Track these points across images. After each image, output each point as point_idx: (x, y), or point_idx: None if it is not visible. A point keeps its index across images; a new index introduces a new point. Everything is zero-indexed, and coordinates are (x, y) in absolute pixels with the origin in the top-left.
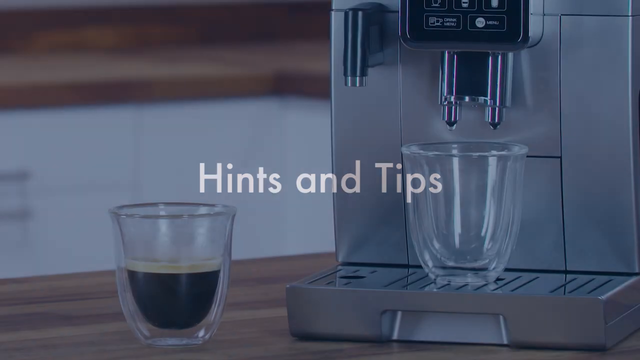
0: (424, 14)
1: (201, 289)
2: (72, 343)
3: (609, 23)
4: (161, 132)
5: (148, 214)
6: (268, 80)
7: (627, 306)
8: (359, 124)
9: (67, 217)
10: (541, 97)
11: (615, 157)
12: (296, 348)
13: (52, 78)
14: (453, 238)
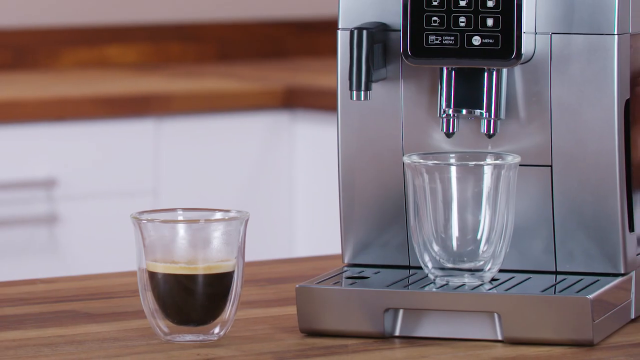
0: (424, 33)
1: (216, 289)
2: (96, 339)
3: (596, 41)
4: (179, 143)
5: (167, 219)
6: (279, 94)
7: (613, 304)
8: (363, 135)
9: (92, 221)
10: (533, 110)
11: (602, 165)
12: (305, 344)
13: (77, 92)
14: (451, 241)
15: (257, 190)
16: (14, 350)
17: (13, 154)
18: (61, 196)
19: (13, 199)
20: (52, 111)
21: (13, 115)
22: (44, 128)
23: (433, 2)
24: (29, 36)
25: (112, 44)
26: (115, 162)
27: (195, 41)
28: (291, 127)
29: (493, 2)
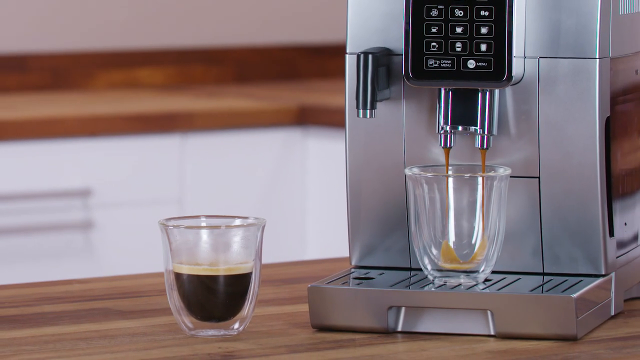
0: (423, 57)
1: (236, 288)
2: (127, 334)
3: (580, 64)
4: (202, 156)
5: (191, 225)
6: (292, 112)
7: (595, 303)
8: (369, 149)
9: (123, 227)
10: (523, 126)
11: (585, 177)
12: (316, 338)
13: (110, 111)
14: (448, 245)
15: (272, 199)
16: (52, 344)
17: (52, 166)
18: (95, 205)
19: (52, 207)
20: (87, 128)
21: (52, 131)
22: (79, 143)
23: (432, 29)
24: (66, 60)
25: (141, 66)
26: (144, 173)
27: (216, 64)
28: (303, 142)
29: (486, 29)
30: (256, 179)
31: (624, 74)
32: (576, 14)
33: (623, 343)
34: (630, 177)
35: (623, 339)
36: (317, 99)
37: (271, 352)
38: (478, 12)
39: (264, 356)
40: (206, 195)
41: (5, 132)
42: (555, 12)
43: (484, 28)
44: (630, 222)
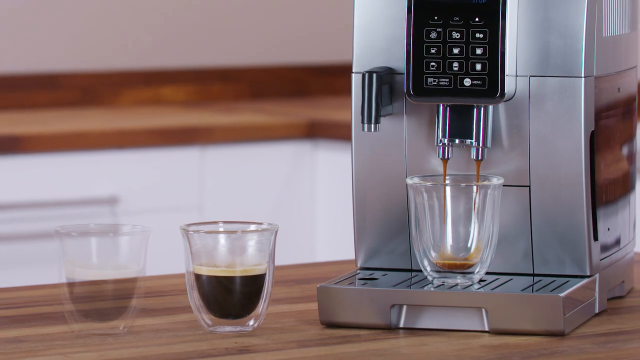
0: (423, 76)
1: (251, 288)
2: (151, 330)
3: (567, 83)
4: (220, 167)
5: (210, 230)
6: (302, 127)
7: (581, 301)
8: (373, 160)
9: None
10: (514, 139)
11: (571, 186)
12: (324, 334)
13: (135, 125)
14: (446, 249)
15: (284, 206)
16: (82, 340)
17: (82, 176)
18: (122, 211)
19: (82, 213)
20: (114, 141)
21: (82, 144)
22: (107, 155)
23: (431, 50)
24: (95, 78)
25: (164, 85)
26: (166, 183)
27: (233, 82)
28: (313, 154)
29: (481, 50)
30: (269, 187)
31: (607, 91)
32: (563, 36)
33: (606, 338)
34: (613, 186)
35: (606, 335)
36: (326, 114)
37: (283, 346)
38: (473, 35)
39: (277, 351)
40: (224, 202)
41: (38, 145)
42: (544, 34)
43: (479, 49)
44: (613, 227)
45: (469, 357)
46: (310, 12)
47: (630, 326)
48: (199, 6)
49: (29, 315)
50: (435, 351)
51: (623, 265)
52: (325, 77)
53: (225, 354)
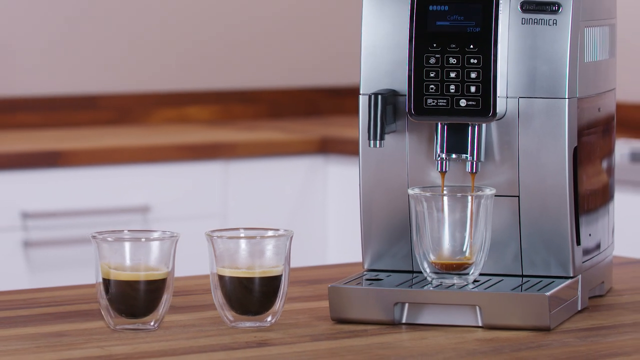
0: (423, 97)
1: (269, 288)
2: (179, 325)
3: (552, 103)
4: (241, 179)
5: (232, 236)
6: (315, 143)
7: (565, 300)
8: (378, 173)
9: None
10: (505, 154)
11: (556, 196)
12: (335, 329)
13: (165, 141)
14: (443, 252)
15: (299, 214)
16: (117, 334)
17: (117, 187)
18: (153, 219)
19: (117, 221)
20: (146, 155)
21: (117, 158)
22: (140, 168)
23: (430, 74)
24: (129, 99)
25: (190, 105)
26: (193, 193)
27: (253, 103)
28: (324, 168)
29: (475, 74)
30: (286, 197)
31: (589, 111)
32: (549, 62)
33: (588, 333)
34: (594, 196)
35: (588, 330)
36: (336, 132)
37: (298, 340)
38: (468, 60)
39: (292, 344)
40: (244, 211)
41: (78, 159)
42: (532, 60)
43: (473, 73)
44: (594, 233)
45: (465, 349)
46: (322, 40)
47: (610, 322)
48: (222, 35)
49: (70, 312)
50: (434, 344)
51: (603, 267)
52: (336, 98)
53: (245, 347)
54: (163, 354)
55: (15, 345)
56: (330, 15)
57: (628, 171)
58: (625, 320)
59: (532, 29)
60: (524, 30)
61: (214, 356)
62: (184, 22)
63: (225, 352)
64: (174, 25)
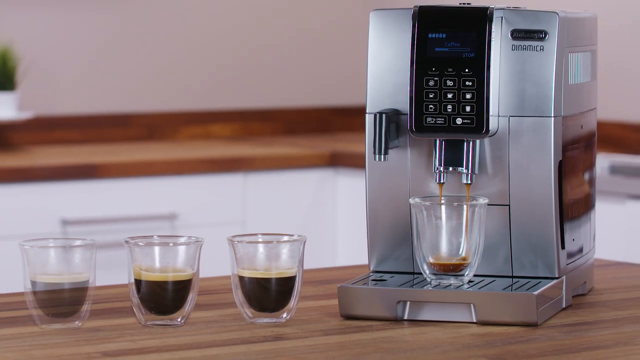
0: (423, 116)
1: (284, 288)
2: (203, 321)
3: (539, 121)
4: (259, 189)
5: (251, 241)
6: (326, 157)
7: (551, 298)
8: (383, 184)
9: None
10: (497, 167)
11: (543, 205)
12: (343, 324)
13: (190, 156)
14: (441, 255)
15: (311, 221)
16: (148, 329)
17: (148, 196)
18: (179, 225)
19: (147, 227)
20: (174, 168)
21: (148, 171)
22: (168, 180)
23: (430, 95)
24: (158, 118)
25: (213, 123)
26: (216, 202)
27: (270, 121)
28: (334, 180)
29: (470, 95)
30: (299, 206)
31: (572, 128)
32: (537, 84)
33: (572, 328)
34: (577, 205)
35: (572, 325)
36: (344, 147)
37: (310, 334)
38: (464, 83)
39: (305, 338)
40: (262, 218)
41: (112, 171)
42: (521, 82)
43: (468, 94)
44: (577, 238)
45: (460, 343)
46: (332, 65)
47: (591, 318)
48: (242, 60)
49: (105, 310)
50: (433, 338)
51: (585, 269)
52: (344, 116)
53: (263, 340)
54: (189, 347)
55: (56, 339)
56: (339, 42)
57: (608, 183)
58: (605, 316)
59: (521, 54)
60: (514, 55)
61: (235, 349)
62: (208, 48)
63: (245, 346)
64: (199, 51)
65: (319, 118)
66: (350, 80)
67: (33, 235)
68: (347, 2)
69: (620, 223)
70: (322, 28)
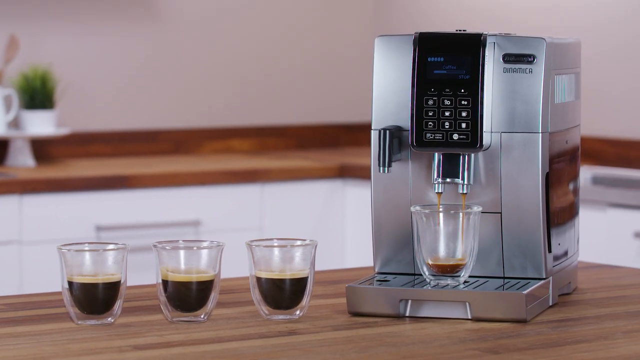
0: (423, 132)
1: (297, 287)
2: (224, 317)
3: (528, 137)
4: (275, 198)
5: (267, 245)
6: (335, 169)
7: (538, 297)
8: (386, 194)
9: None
10: (490, 178)
11: (532, 213)
12: (351, 320)
13: (212, 168)
14: (439, 258)
15: (322, 227)
16: (174, 325)
17: (174, 205)
18: (203, 231)
19: (174, 233)
20: (197, 179)
21: (174, 181)
22: (192, 190)
23: (429, 113)
24: (183, 134)
25: (233, 138)
26: (235, 210)
27: (284, 136)
28: (343, 190)
29: (465, 113)
30: (311, 213)
31: (558, 143)
32: (526, 103)
33: (557, 324)
34: (562, 212)
35: (557, 321)
36: (352, 160)
37: (321, 330)
38: (460, 102)
39: (316, 333)
40: (277, 224)
41: (142, 182)
42: (511, 102)
43: (464, 112)
44: (562, 243)
45: (457, 338)
46: (341, 86)
47: (575, 315)
48: (259, 82)
49: (135, 307)
50: (432, 333)
51: (570, 270)
52: (352, 133)
53: (278, 335)
54: (211, 341)
55: (90, 334)
56: (348, 65)
57: (590, 192)
58: (588, 313)
59: (511, 76)
60: (505, 77)
61: (253, 343)
62: (229, 72)
63: (261, 340)
64: (220, 73)
65: (329, 134)
66: (357, 99)
67: (70, 240)
68: (355, 30)
69: (601, 229)
70: (331, 53)
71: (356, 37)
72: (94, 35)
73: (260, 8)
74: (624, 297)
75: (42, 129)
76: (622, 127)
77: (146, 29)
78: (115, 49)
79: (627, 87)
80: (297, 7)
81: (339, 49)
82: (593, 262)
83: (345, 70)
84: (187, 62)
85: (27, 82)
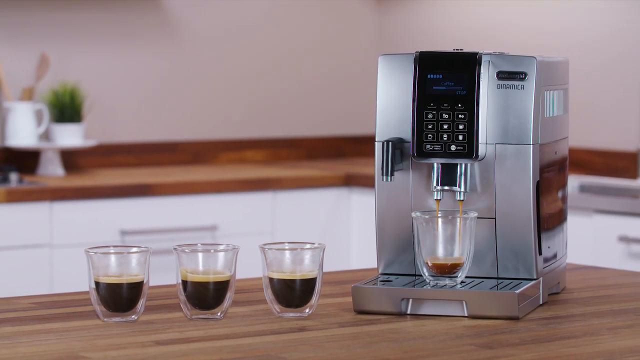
0: (423, 143)
1: (307, 287)
2: (239, 315)
3: (520, 148)
4: (286, 205)
5: (279, 248)
6: (342, 178)
7: (530, 296)
8: (389, 201)
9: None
10: (485, 186)
11: (523, 218)
12: (357, 318)
13: (228, 177)
14: (438, 260)
15: (330, 231)
16: (193, 322)
17: (193, 211)
18: (219, 235)
19: (192, 237)
20: (214, 187)
21: (192, 189)
22: (210, 197)
23: (429, 126)
24: (200, 145)
25: (248, 149)
26: (249, 216)
27: (295, 148)
28: (349, 197)
29: (462, 125)
30: (319, 219)
31: (548, 154)
32: (518, 117)
33: (547, 321)
34: (552, 218)
35: (547, 319)
36: (357, 169)
37: (329, 326)
38: (457, 116)
39: (324, 329)
40: (289, 229)
41: (163, 190)
42: (505, 115)
43: (461, 125)
44: (552, 246)
45: (454, 334)
46: (347, 101)
47: (564, 313)
48: (272, 96)
49: (156, 306)
50: (431, 330)
51: (559, 272)
52: (357, 144)
53: (289, 331)
54: (227, 337)
55: (115, 331)
56: (353, 82)
57: (578, 199)
58: (575, 311)
59: (505, 92)
60: (499, 93)
61: (266, 338)
62: (243, 87)
63: (274, 336)
64: (236, 89)
65: (336, 145)
66: (362, 113)
67: (96, 243)
68: (360, 49)
69: (588, 233)
70: (338, 70)
71: (361, 56)
72: (119, 54)
73: (272, 28)
74: (608, 297)
75: (70, 140)
76: (610, 138)
77: (166, 49)
78: (137, 67)
79: (613, 101)
80: (307, 28)
81: (345, 66)
82: (580, 264)
83: (351, 86)
84: (204, 78)
85: (57, 97)
